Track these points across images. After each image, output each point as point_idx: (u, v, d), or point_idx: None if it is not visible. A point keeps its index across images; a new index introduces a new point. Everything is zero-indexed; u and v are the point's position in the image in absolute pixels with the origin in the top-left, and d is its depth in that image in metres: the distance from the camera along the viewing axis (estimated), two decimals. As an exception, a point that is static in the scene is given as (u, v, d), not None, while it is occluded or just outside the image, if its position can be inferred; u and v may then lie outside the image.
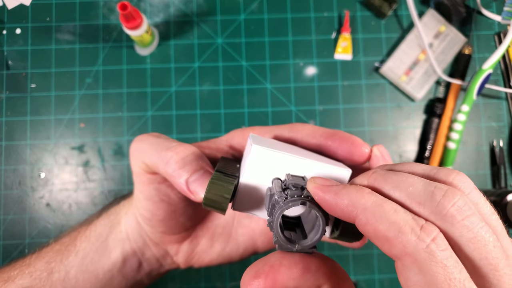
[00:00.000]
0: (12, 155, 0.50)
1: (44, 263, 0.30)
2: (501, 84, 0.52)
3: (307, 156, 0.21)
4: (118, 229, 0.30)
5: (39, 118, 0.50)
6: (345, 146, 0.23)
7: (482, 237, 0.15)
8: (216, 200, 0.20)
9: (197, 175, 0.22)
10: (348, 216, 0.16)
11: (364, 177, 0.19)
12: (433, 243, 0.14)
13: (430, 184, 0.16)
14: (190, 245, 0.30)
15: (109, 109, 0.51)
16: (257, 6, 0.53)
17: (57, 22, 0.52)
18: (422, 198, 0.16)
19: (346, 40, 0.52)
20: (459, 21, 0.53)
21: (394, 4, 0.52)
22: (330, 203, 0.17)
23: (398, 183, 0.17)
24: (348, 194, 0.16)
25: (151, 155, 0.25)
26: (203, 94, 0.51)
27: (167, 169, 0.23)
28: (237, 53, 0.52)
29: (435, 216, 0.15)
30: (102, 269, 0.29)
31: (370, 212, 0.15)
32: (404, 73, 0.52)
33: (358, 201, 0.16)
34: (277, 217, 0.17)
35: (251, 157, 0.20)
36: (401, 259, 0.15)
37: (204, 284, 0.49)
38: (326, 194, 0.17)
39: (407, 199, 0.16)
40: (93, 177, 0.50)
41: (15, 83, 0.51)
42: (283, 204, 0.17)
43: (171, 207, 0.27)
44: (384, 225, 0.15)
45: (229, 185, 0.20)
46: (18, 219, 0.49)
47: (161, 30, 0.52)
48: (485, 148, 0.52)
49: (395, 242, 0.15)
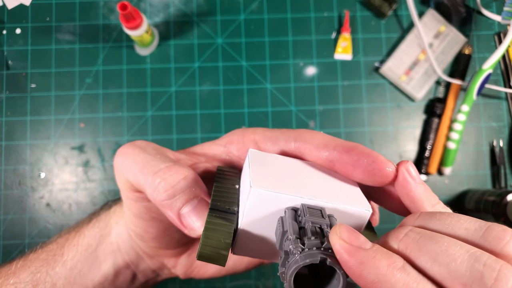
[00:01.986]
0: (12, 155, 0.50)
1: (29, 274, 0.27)
2: (501, 84, 0.52)
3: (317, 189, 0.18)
4: (108, 240, 0.28)
5: (39, 118, 0.50)
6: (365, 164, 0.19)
7: None
8: (213, 257, 0.17)
9: (191, 206, 0.20)
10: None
11: (395, 240, 0.16)
12: None
13: (478, 261, 0.13)
14: (188, 258, 0.28)
15: (109, 109, 0.51)
16: (257, 6, 0.53)
17: (57, 22, 0.52)
18: (469, 280, 0.13)
19: (346, 40, 0.52)
20: (459, 21, 0.53)
21: (394, 4, 0.52)
22: (354, 271, 0.14)
23: (437, 255, 0.14)
24: (376, 268, 0.14)
25: (136, 175, 0.22)
26: (203, 94, 0.51)
27: (155, 197, 0.20)
28: (237, 53, 0.52)
29: None
30: (92, 282, 0.27)
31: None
32: (404, 73, 0.52)
33: (387, 280, 0.14)
34: (291, 273, 0.15)
35: (251, 201, 0.17)
36: None
37: (204, 284, 0.49)
38: (351, 259, 0.14)
39: (449, 278, 0.14)
40: (93, 177, 0.50)
41: (15, 83, 0.51)
42: (299, 259, 0.14)
43: (163, 225, 0.25)
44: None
45: (226, 237, 0.17)
46: (18, 219, 0.49)
47: (161, 30, 0.52)
48: (485, 148, 0.52)
49: None
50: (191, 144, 0.30)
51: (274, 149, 0.22)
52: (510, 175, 0.51)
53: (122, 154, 0.23)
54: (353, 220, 0.18)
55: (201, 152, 0.25)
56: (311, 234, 0.15)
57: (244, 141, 0.23)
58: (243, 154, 0.23)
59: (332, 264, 0.15)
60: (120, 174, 0.23)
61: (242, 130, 0.24)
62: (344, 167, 0.20)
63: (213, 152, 0.24)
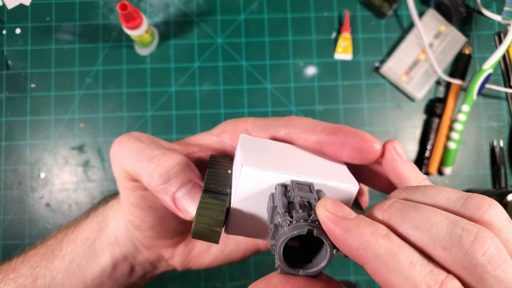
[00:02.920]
0: (12, 155, 0.50)
1: (29, 268, 0.28)
2: (501, 84, 0.52)
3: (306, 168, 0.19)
4: (106, 232, 0.28)
5: (39, 118, 0.50)
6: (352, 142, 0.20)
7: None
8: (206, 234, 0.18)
9: (185, 190, 0.20)
10: (357, 259, 0.15)
11: (379, 211, 0.16)
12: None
13: (457, 225, 0.14)
14: (185, 248, 0.29)
15: (109, 109, 0.51)
16: (257, 6, 0.53)
17: (57, 22, 0.52)
18: (448, 242, 0.14)
19: (346, 40, 0.52)
20: (459, 21, 0.53)
21: (394, 4, 0.52)
22: (339, 239, 0.15)
23: (419, 222, 0.15)
24: (360, 236, 0.14)
25: (132, 163, 0.22)
26: (203, 94, 0.51)
27: (150, 182, 0.21)
28: (237, 53, 0.52)
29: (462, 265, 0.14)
30: (90, 274, 0.28)
31: (382, 262, 0.14)
32: (404, 73, 0.52)
33: (370, 246, 0.14)
34: (280, 244, 0.15)
35: (242, 179, 0.18)
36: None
37: (204, 284, 0.49)
38: (336, 228, 0.15)
39: (430, 243, 0.14)
40: (93, 177, 0.50)
41: (15, 83, 0.51)
42: (288, 231, 0.15)
43: (160, 214, 0.25)
44: (397, 279, 0.13)
45: (219, 214, 0.18)
46: (18, 219, 0.49)
47: (161, 30, 0.52)
48: (485, 148, 0.52)
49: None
50: (191, 144, 0.31)
51: (265, 136, 0.23)
52: (510, 175, 0.51)
53: (119, 144, 0.24)
54: (341, 196, 0.18)
55: (195, 142, 0.25)
56: (299, 208, 0.16)
57: (236, 130, 0.24)
58: (235, 143, 0.24)
59: (319, 235, 0.15)
60: (117, 163, 0.24)
61: (234, 120, 0.24)
62: (332, 147, 0.21)
63: (206, 142, 0.25)
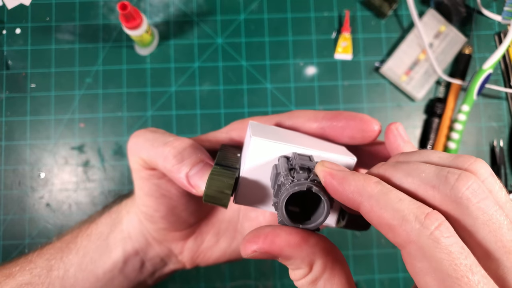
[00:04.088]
0: (12, 155, 0.50)
1: (45, 260, 0.29)
2: (501, 84, 0.52)
3: (309, 144, 0.20)
4: (119, 228, 0.29)
5: (39, 118, 0.50)
6: (353, 124, 0.22)
7: (497, 219, 0.15)
8: (217, 196, 0.19)
9: (197, 168, 0.22)
10: (353, 203, 0.16)
11: (375, 169, 0.18)
12: (437, 230, 0.14)
13: (443, 169, 0.16)
14: (195, 242, 0.30)
15: (109, 109, 0.51)
16: (257, 6, 0.53)
17: (57, 22, 0.52)
18: (436, 182, 0.16)
19: (346, 40, 0.52)
20: (459, 21, 0.53)
21: (394, 4, 0.52)
22: (336, 188, 0.16)
23: (410, 170, 0.17)
24: (355, 181, 0.16)
25: (148, 150, 0.24)
26: (203, 94, 0.51)
27: (165, 164, 0.23)
28: (237, 53, 0.52)
29: (449, 199, 0.15)
30: (102, 269, 0.29)
31: (375, 200, 0.15)
32: (404, 73, 0.52)
33: (364, 189, 0.16)
34: (282, 199, 0.17)
35: (251, 149, 0.19)
36: (406, 247, 0.15)
37: (204, 284, 0.49)
38: (333, 179, 0.17)
39: (421, 185, 0.16)
40: (93, 177, 0.50)
41: (15, 83, 0.51)
42: (289, 187, 0.17)
43: (172, 202, 0.27)
44: (388, 213, 0.15)
45: (229, 179, 0.19)
46: (18, 219, 0.49)
47: (161, 30, 0.52)
48: (485, 148, 0.52)
49: (399, 230, 0.15)
50: (191, 144, 0.31)
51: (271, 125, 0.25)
52: (510, 175, 0.51)
53: (135, 136, 0.26)
54: None
55: (205, 138, 0.27)
56: (300, 170, 0.18)
57: (244, 126, 0.26)
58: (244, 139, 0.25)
59: (317, 191, 0.17)
60: (134, 154, 0.26)
61: (241, 120, 0.26)
62: (334, 130, 0.23)
63: (216, 138, 0.27)
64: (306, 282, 0.17)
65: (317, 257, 0.17)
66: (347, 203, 0.16)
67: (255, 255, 0.17)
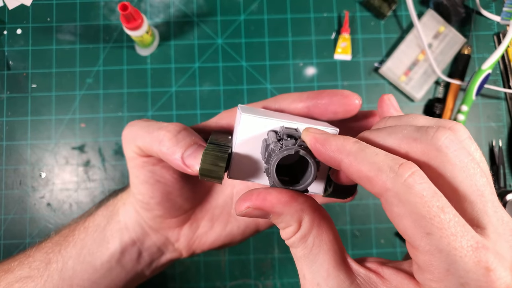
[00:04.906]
0: (13, 155, 0.50)
1: (43, 254, 0.30)
2: (500, 84, 0.53)
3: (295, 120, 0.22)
4: (116, 219, 0.30)
5: (40, 118, 0.51)
6: (336, 100, 0.24)
7: (472, 166, 0.16)
8: (212, 169, 0.20)
9: (191, 150, 0.23)
10: (334, 161, 0.18)
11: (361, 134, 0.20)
12: (410, 177, 0.15)
13: (424, 126, 0.18)
14: (190, 228, 0.30)
15: (110, 109, 0.51)
16: (257, 6, 0.53)
17: (57, 22, 0.52)
18: (417, 135, 0.17)
19: (346, 41, 0.52)
20: (458, 22, 0.53)
21: (393, 5, 0.53)
22: (319, 149, 0.18)
23: (393, 130, 0.18)
24: (335, 141, 0.18)
25: (143, 137, 0.25)
26: (203, 94, 0.52)
27: (161, 147, 0.24)
28: (237, 54, 0.52)
29: (430, 149, 0.17)
30: (100, 260, 0.29)
31: (353, 156, 0.17)
32: (404, 73, 0.52)
33: (343, 147, 0.17)
34: (273, 163, 0.18)
35: (242, 125, 0.21)
36: (383, 195, 0.16)
37: (204, 283, 0.49)
38: (317, 142, 0.18)
39: (403, 139, 0.17)
40: (94, 177, 0.50)
41: (16, 83, 0.51)
42: (279, 152, 0.18)
43: (167, 188, 0.27)
44: (366, 166, 0.16)
45: (223, 154, 0.21)
46: (18, 219, 0.49)
47: (162, 30, 0.52)
48: (484, 148, 0.52)
49: (376, 180, 0.16)
50: (191, 143, 0.31)
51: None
52: (509, 175, 0.51)
53: (130, 126, 0.27)
54: None
55: (196, 127, 0.28)
56: (288, 137, 0.19)
57: (232, 115, 0.27)
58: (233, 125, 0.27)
59: (304, 154, 0.18)
60: (129, 142, 0.26)
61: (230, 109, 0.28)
62: (319, 108, 0.24)
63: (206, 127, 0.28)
64: (297, 239, 0.18)
65: (305, 214, 0.18)
66: (329, 162, 0.18)
67: (248, 211, 0.18)
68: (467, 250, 0.14)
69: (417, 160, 0.17)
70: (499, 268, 0.14)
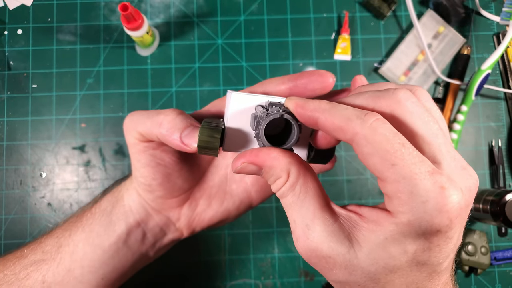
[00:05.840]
0: (14, 155, 0.50)
1: (54, 239, 0.32)
2: (500, 84, 0.53)
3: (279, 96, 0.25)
4: (121, 203, 0.32)
5: (40, 118, 0.51)
6: (314, 79, 0.27)
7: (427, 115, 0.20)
8: (209, 141, 0.23)
9: (189, 130, 0.26)
10: (312, 120, 0.21)
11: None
12: (374, 122, 0.18)
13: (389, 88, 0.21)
14: (189, 207, 0.33)
15: (110, 109, 0.51)
16: (257, 7, 0.53)
17: (58, 22, 0.52)
18: (380, 94, 0.20)
19: (346, 41, 0.52)
20: (458, 22, 0.53)
21: (393, 5, 0.53)
22: (299, 111, 0.21)
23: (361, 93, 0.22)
24: (312, 103, 0.21)
25: (144, 123, 0.27)
26: (203, 94, 0.52)
27: (161, 130, 0.26)
28: (237, 54, 0.52)
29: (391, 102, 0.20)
30: (108, 242, 0.31)
31: (327, 112, 0.20)
32: (403, 74, 0.52)
33: (319, 107, 0.20)
34: (262, 127, 0.21)
35: (232, 102, 0.24)
36: (354, 140, 0.19)
37: (204, 283, 0.49)
38: (297, 106, 0.21)
39: (369, 98, 0.21)
40: (94, 177, 0.50)
41: (17, 83, 0.51)
42: (266, 118, 0.21)
43: (167, 170, 0.30)
44: (338, 118, 0.19)
45: (217, 127, 0.24)
46: (19, 219, 0.49)
47: (162, 31, 0.52)
48: (483, 148, 0.52)
49: (347, 128, 0.19)
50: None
51: None
52: (509, 174, 0.51)
53: (131, 115, 0.29)
54: None
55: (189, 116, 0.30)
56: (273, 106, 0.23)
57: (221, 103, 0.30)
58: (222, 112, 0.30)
59: (287, 117, 0.22)
60: (131, 129, 0.29)
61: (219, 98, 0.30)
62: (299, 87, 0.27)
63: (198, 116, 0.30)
64: (286, 188, 0.21)
65: (292, 165, 0.21)
66: (308, 121, 0.21)
67: (243, 166, 0.22)
68: (425, 174, 0.17)
69: (382, 113, 0.20)
70: (451, 187, 0.18)
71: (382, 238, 0.19)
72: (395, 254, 0.19)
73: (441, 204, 0.17)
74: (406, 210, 0.18)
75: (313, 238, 0.20)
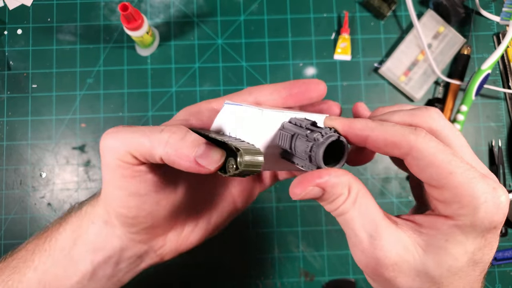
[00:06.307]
0: (14, 155, 0.50)
1: (1, 282, 0.27)
2: (500, 84, 0.53)
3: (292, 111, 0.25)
4: (83, 239, 0.27)
5: (40, 118, 0.51)
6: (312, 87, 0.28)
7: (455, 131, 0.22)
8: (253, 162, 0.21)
9: (201, 150, 0.22)
10: (361, 138, 0.22)
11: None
12: (426, 136, 0.20)
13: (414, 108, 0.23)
14: (175, 232, 0.29)
15: (110, 109, 0.51)
16: (257, 7, 0.53)
17: (58, 22, 0.52)
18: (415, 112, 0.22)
19: (346, 41, 0.52)
20: (458, 22, 0.53)
21: (393, 5, 0.53)
22: (351, 132, 0.22)
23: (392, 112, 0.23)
24: (359, 122, 0.22)
25: (139, 141, 0.23)
26: (203, 94, 0.52)
27: (167, 150, 0.22)
28: (237, 54, 0.52)
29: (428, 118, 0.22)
30: (69, 282, 0.27)
31: (377, 130, 0.21)
32: (403, 74, 0.52)
33: (367, 125, 0.21)
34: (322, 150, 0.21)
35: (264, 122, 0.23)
36: (410, 153, 0.20)
37: (205, 283, 0.49)
38: (345, 124, 0.22)
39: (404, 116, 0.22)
40: (94, 177, 0.50)
41: (17, 83, 0.51)
42: (324, 140, 0.21)
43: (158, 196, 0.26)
44: (390, 135, 0.21)
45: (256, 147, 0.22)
46: (19, 219, 0.49)
47: (162, 30, 0.52)
48: (484, 148, 0.52)
49: (402, 143, 0.20)
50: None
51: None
52: (509, 174, 0.51)
53: (113, 133, 0.24)
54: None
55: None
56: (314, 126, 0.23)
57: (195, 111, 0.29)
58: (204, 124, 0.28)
59: (342, 139, 0.22)
60: (114, 151, 0.24)
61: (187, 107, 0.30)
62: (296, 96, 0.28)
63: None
64: (348, 203, 0.21)
65: (352, 181, 0.21)
66: (356, 140, 0.22)
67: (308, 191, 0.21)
68: (479, 179, 0.19)
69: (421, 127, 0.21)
70: (499, 188, 0.19)
71: (444, 241, 0.20)
72: (457, 255, 0.20)
73: (497, 203, 0.19)
74: (467, 212, 0.19)
75: (380, 247, 0.20)
